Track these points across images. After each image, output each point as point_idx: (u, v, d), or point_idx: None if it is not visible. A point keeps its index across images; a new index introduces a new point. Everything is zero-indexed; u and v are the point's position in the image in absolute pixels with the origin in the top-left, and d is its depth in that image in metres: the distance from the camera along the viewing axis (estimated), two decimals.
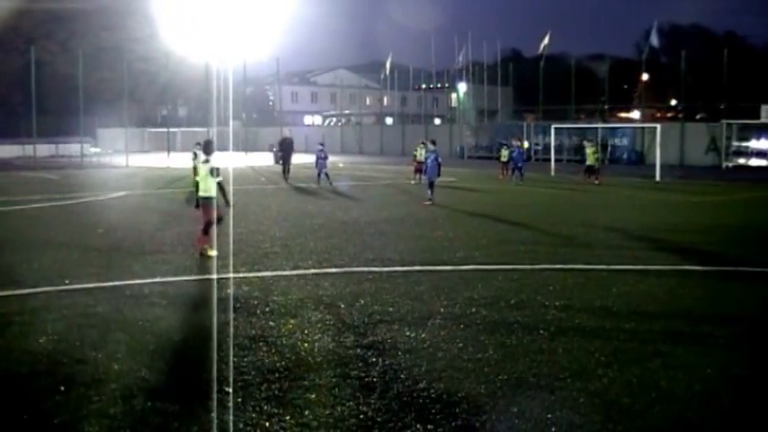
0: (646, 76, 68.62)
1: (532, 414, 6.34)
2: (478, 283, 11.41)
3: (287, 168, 33.88)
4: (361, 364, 7.58)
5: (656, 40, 62.36)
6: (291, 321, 9.23)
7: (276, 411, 6.38)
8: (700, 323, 9.38)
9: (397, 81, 79.05)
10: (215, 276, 11.86)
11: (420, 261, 13.36)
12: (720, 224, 19.26)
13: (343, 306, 9.97)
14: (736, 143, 46.92)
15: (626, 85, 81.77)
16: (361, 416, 6.29)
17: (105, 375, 7.26)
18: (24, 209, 22.45)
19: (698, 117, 64.45)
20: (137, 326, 9.07)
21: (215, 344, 8.12)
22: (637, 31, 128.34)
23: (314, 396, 6.75)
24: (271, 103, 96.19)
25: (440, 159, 24.42)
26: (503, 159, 36.83)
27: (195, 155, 31.49)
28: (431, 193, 23.85)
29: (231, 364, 7.45)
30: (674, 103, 74.51)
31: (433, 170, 24.06)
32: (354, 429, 6.07)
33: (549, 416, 6.29)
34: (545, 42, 66.74)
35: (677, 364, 7.62)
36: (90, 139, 68.14)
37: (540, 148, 53.00)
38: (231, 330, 8.65)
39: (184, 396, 6.73)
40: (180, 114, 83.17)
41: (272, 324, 9.15)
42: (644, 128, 50.94)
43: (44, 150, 60.42)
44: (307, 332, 8.75)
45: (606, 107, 66.15)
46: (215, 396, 6.67)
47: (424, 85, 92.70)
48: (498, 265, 12.95)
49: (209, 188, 14.08)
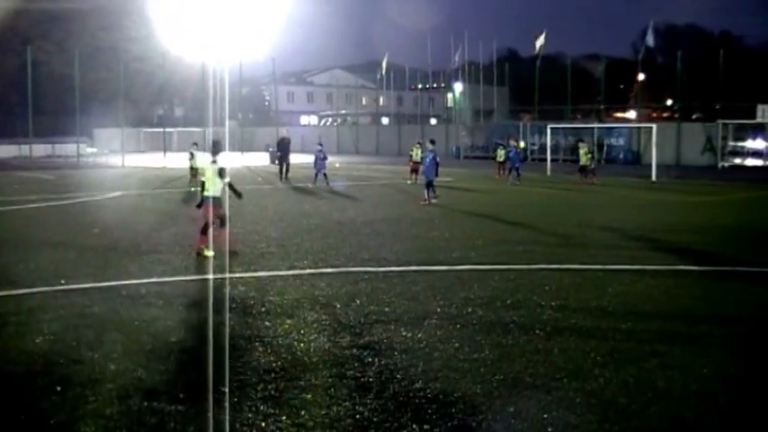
0: (642, 76, 68.75)
1: (528, 414, 6.34)
2: (474, 284, 11.41)
3: (286, 168, 33.80)
4: (357, 365, 7.58)
5: (651, 40, 62.35)
6: (287, 321, 9.23)
7: (272, 411, 6.38)
8: (696, 323, 9.39)
9: (394, 81, 79.13)
10: (211, 276, 11.85)
11: (416, 261, 13.36)
12: (717, 224, 19.28)
13: (339, 306, 9.97)
14: (731, 143, 46.99)
15: (622, 85, 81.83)
16: (358, 416, 6.29)
17: (101, 375, 7.25)
18: (21, 209, 22.41)
19: (694, 117, 64.52)
20: (133, 326, 9.07)
21: (211, 344, 8.11)
22: (633, 31, 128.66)
23: (310, 396, 6.75)
24: (267, 104, 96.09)
25: (437, 159, 24.42)
26: (499, 159, 36.94)
27: (192, 155, 31.61)
28: (427, 193, 23.82)
29: (227, 365, 7.44)
30: (669, 102, 74.57)
31: (431, 170, 24.04)
32: (350, 429, 6.07)
33: (546, 416, 6.30)
34: (540, 42, 66.84)
35: (674, 363, 7.63)
36: (86, 139, 68.10)
37: (536, 148, 53.01)
38: (227, 330, 8.64)
39: (181, 396, 6.72)
40: (176, 114, 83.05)
41: (268, 324, 9.15)
42: (640, 128, 51.01)
43: (40, 150, 60.36)
44: (303, 332, 8.75)
45: (602, 107, 66.22)
46: (211, 396, 6.66)
47: (420, 85, 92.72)
48: (494, 265, 12.96)
49: (216, 188, 13.97)
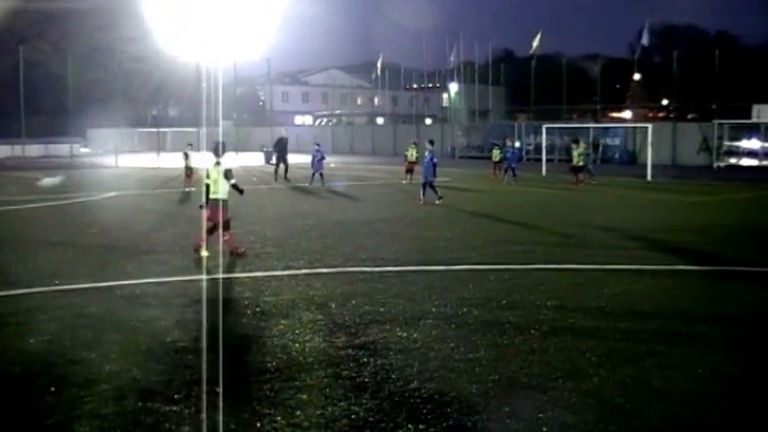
0: (638, 76, 68.86)
1: (524, 414, 6.34)
2: (471, 284, 11.41)
3: (285, 168, 33.74)
4: (352, 365, 7.57)
5: (646, 40, 62.50)
6: (283, 322, 9.21)
7: (268, 412, 6.37)
8: (695, 323, 9.37)
9: (389, 81, 79.09)
10: (207, 277, 11.83)
11: (413, 261, 13.35)
12: (714, 224, 19.29)
13: (334, 306, 9.96)
14: (727, 143, 47.07)
15: (618, 85, 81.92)
16: (353, 416, 6.28)
17: (98, 376, 7.24)
18: (19, 209, 22.38)
19: (690, 117, 64.64)
20: (129, 326, 9.05)
21: (206, 344, 8.10)
22: (631, 31, 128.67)
23: (305, 396, 6.74)
24: (261, 104, 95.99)
25: (435, 160, 24.39)
26: (494, 159, 36.99)
27: (186, 155, 31.49)
28: (423, 192, 23.85)
29: (223, 365, 7.43)
30: (665, 102, 74.67)
31: (428, 170, 24.04)
32: (346, 429, 6.06)
33: (541, 415, 6.29)
34: (536, 42, 66.88)
35: (672, 363, 7.62)
36: (80, 139, 68.11)
37: (532, 147, 53.05)
38: (223, 331, 8.62)
39: (176, 397, 6.71)
40: (171, 114, 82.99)
41: (263, 324, 9.14)
42: (636, 128, 51.05)
43: (34, 150, 60.32)
44: (298, 332, 8.73)
45: (598, 107, 66.30)
46: (206, 396, 6.65)
47: (415, 85, 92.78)
48: (492, 265, 12.95)
49: (221, 190, 13.86)
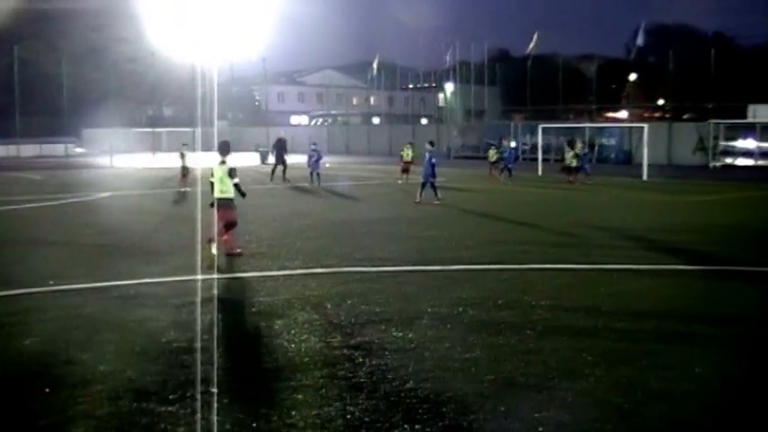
0: (634, 76, 68.92)
1: (521, 414, 6.33)
2: (467, 283, 11.41)
3: (284, 169, 33.73)
4: (348, 365, 7.56)
5: (641, 40, 62.65)
6: (279, 322, 9.19)
7: (263, 412, 6.35)
8: (692, 322, 9.38)
9: (385, 81, 79.19)
10: (202, 277, 11.81)
11: (409, 261, 13.34)
12: (711, 224, 19.30)
13: (330, 306, 9.94)
14: (723, 143, 47.17)
15: (614, 85, 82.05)
16: (349, 416, 6.27)
17: (93, 376, 7.21)
18: (17, 209, 22.33)
19: (685, 117, 64.77)
20: (125, 327, 9.03)
21: (202, 344, 8.08)
22: (627, 32, 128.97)
23: (301, 396, 6.72)
24: (257, 104, 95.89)
25: (434, 160, 24.36)
26: (491, 159, 37.05)
27: (182, 155, 31.46)
28: (420, 192, 23.88)
29: (218, 365, 7.42)
30: (661, 102, 74.82)
31: (427, 170, 24.05)
32: (342, 430, 6.05)
33: (537, 415, 6.28)
34: (532, 44, 67.01)
35: (668, 363, 7.61)
36: (74, 139, 68.04)
37: (528, 147, 53.08)
38: (218, 331, 8.62)
39: (172, 397, 6.69)
40: (166, 114, 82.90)
41: (259, 325, 9.13)
42: (632, 127, 51.14)
43: (29, 151, 60.23)
44: (294, 332, 8.72)
45: (594, 107, 66.37)
46: (202, 397, 6.63)
47: (411, 85, 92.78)
48: (488, 264, 12.94)
49: (227, 189, 13.89)
